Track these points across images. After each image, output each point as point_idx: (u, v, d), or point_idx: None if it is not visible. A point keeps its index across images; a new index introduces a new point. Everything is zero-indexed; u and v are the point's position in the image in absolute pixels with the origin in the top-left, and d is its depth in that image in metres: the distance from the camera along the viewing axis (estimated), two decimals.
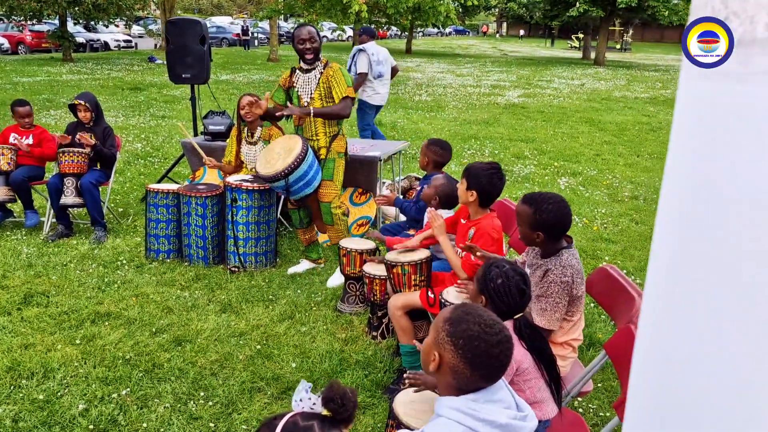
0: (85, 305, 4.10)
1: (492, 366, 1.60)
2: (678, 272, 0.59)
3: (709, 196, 0.54)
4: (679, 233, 0.57)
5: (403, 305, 3.30)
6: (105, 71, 19.99)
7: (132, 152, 8.73)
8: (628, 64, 30.74)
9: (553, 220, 2.53)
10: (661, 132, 11.66)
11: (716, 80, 0.51)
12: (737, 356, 0.57)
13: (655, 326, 0.63)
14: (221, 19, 46.11)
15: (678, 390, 0.62)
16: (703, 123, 0.53)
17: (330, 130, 4.62)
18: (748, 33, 0.48)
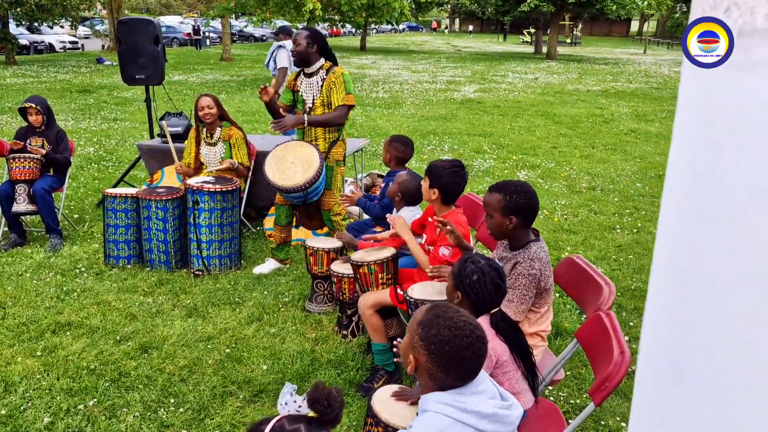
0: (45, 315, 3.97)
1: (465, 368, 1.62)
2: (681, 269, 0.60)
3: (711, 191, 0.55)
4: (682, 230, 0.58)
5: (374, 304, 3.30)
6: (51, 74, 19.38)
7: (84, 156, 8.48)
8: (579, 57, 31.37)
9: (524, 202, 2.58)
10: (613, 124, 11.94)
11: (718, 68, 0.52)
12: (743, 355, 0.57)
13: (659, 326, 0.64)
14: (170, 18, 45.22)
15: (683, 390, 0.62)
16: (705, 113, 0.54)
17: (330, 136, 4.55)
18: (749, 24, 0.49)
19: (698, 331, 0.60)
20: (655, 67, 25.80)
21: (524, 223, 2.62)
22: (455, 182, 3.16)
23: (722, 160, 0.54)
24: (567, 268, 2.97)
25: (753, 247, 0.53)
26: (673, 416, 0.64)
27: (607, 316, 2.31)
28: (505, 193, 2.60)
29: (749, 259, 0.53)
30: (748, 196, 0.52)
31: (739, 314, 0.56)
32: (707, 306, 0.59)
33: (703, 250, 0.58)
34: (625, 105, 14.49)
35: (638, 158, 9.02)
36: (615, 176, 7.90)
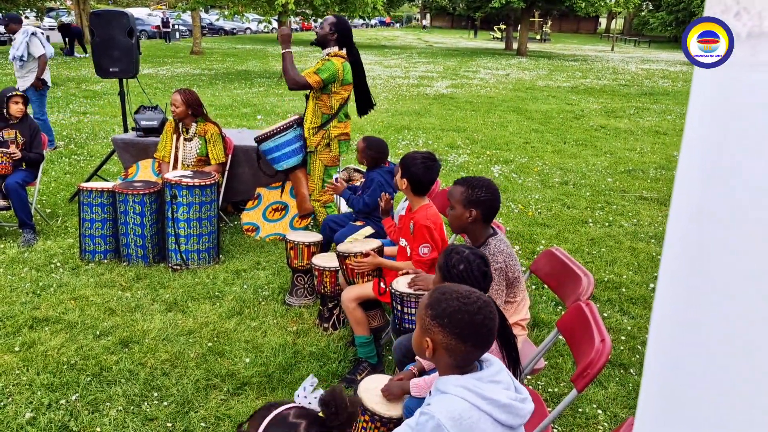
0: (21, 311, 3.92)
1: (480, 333, 1.67)
2: (690, 269, 0.63)
3: (721, 191, 0.59)
4: (692, 228, 0.61)
5: (357, 297, 3.34)
6: None
7: (55, 151, 8.33)
8: (549, 54, 31.73)
9: (485, 196, 2.66)
10: (584, 119, 12.13)
11: (729, 67, 0.57)
12: (750, 356, 0.60)
13: (668, 325, 0.67)
14: (138, 10, 44.36)
15: (689, 390, 0.65)
16: (716, 113, 0.59)
17: (314, 120, 4.76)
18: (757, 27, 0.54)
19: (705, 332, 0.62)
20: (622, 65, 26.23)
21: (484, 217, 2.70)
22: (425, 173, 3.23)
23: (732, 161, 0.58)
24: (546, 260, 3.04)
25: (762, 247, 0.56)
26: (679, 416, 0.67)
27: (587, 306, 2.38)
28: (468, 186, 2.70)
29: (758, 260, 0.57)
30: (757, 197, 0.56)
31: (747, 315, 0.59)
32: (715, 306, 0.61)
33: (712, 251, 0.61)
34: (594, 101, 14.73)
35: (608, 153, 9.20)
36: (586, 171, 8.05)
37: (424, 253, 3.15)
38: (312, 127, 4.78)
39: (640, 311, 4.23)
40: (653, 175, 7.94)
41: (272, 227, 5.44)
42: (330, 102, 4.71)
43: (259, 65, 22.02)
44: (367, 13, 19.01)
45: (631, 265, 5.04)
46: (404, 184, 3.27)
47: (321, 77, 4.55)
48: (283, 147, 4.87)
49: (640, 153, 9.35)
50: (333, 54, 4.67)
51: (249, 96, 14.18)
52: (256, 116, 11.44)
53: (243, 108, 12.38)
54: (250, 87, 15.87)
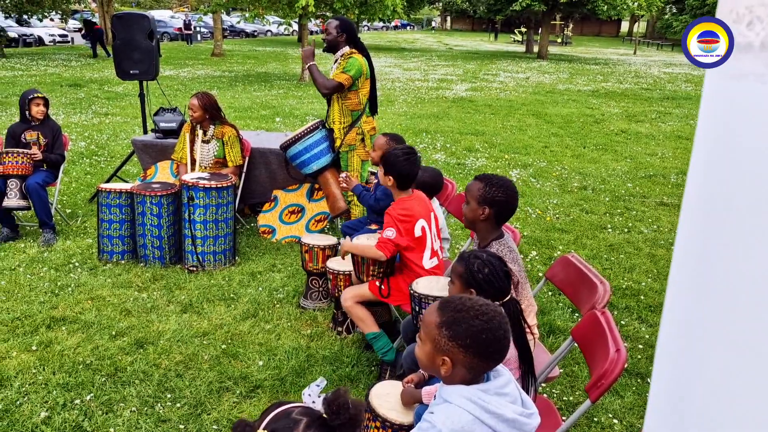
0: (39, 310, 3.97)
1: (502, 348, 1.65)
2: (701, 273, 0.61)
3: (731, 198, 0.57)
4: (703, 234, 0.60)
5: (353, 297, 3.38)
6: (41, 67, 19.23)
7: (76, 151, 8.44)
8: (570, 57, 31.51)
9: (501, 196, 2.64)
10: (604, 124, 12.01)
11: (741, 80, 0.55)
12: (758, 356, 0.59)
13: (678, 328, 0.66)
14: (161, 13, 44.91)
15: (700, 390, 0.64)
16: (727, 123, 0.57)
17: (344, 119, 4.89)
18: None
19: (715, 333, 0.61)
20: (645, 68, 25.96)
21: (496, 217, 2.67)
22: (409, 167, 3.24)
23: (742, 169, 0.57)
24: (562, 267, 3.00)
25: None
26: (689, 416, 0.65)
27: (602, 315, 2.34)
28: (487, 184, 2.69)
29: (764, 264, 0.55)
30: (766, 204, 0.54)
31: (755, 316, 0.58)
32: (724, 309, 0.60)
33: (721, 255, 0.60)
34: (615, 105, 14.58)
35: (629, 158, 9.10)
36: (606, 176, 7.96)
37: (387, 236, 3.16)
38: (343, 126, 4.91)
39: (658, 319, 4.17)
40: (674, 181, 7.83)
41: (288, 230, 5.45)
42: (358, 98, 4.86)
43: (279, 67, 22.14)
44: (386, 16, 19.02)
45: (650, 272, 4.97)
46: (390, 180, 3.28)
47: (350, 74, 4.72)
48: (313, 148, 4.92)
49: (661, 158, 9.23)
50: (348, 53, 4.81)
51: (268, 98, 14.26)
52: (275, 118, 11.49)
53: (262, 110, 12.44)
54: (269, 89, 15.95)
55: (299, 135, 4.89)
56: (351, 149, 4.95)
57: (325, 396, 1.28)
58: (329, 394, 1.28)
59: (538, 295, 4.39)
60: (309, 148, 4.90)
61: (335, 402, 1.25)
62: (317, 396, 1.30)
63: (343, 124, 4.91)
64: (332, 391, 1.28)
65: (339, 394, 1.26)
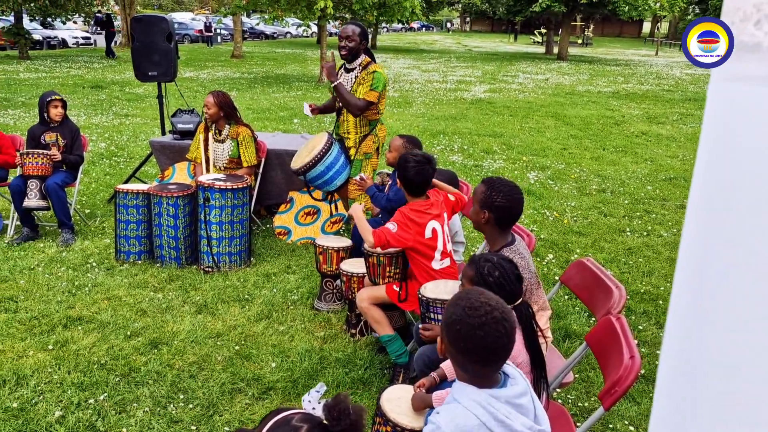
0: (56, 309, 4.01)
1: (479, 350, 1.58)
2: (705, 275, 0.60)
3: (735, 200, 0.55)
4: (707, 236, 0.58)
5: (369, 298, 3.35)
6: (64, 69, 19.50)
7: (96, 152, 8.54)
8: (590, 58, 31.25)
9: (503, 201, 2.61)
10: (624, 125, 11.88)
11: (748, 82, 0.53)
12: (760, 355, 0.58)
13: (683, 331, 0.64)
14: (182, 15, 45.39)
15: (704, 391, 0.62)
16: (731, 126, 0.54)
17: (362, 129, 4.78)
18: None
19: (720, 334, 0.60)
20: (666, 69, 25.66)
21: (499, 222, 2.64)
22: (416, 175, 3.17)
23: (746, 171, 0.54)
24: (577, 271, 2.96)
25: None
26: (694, 416, 0.64)
27: (617, 320, 2.30)
28: (489, 188, 2.66)
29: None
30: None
31: (755, 316, 0.56)
32: (728, 309, 0.59)
33: (725, 257, 0.58)
34: (636, 107, 14.42)
35: (649, 161, 8.98)
36: (625, 178, 7.87)
37: (387, 226, 3.14)
38: (360, 136, 4.82)
39: None
40: None
41: (304, 231, 5.46)
42: (377, 108, 4.78)
43: (298, 69, 22.23)
44: (405, 17, 19.01)
45: (669, 276, 4.89)
46: (398, 184, 3.27)
47: (378, 91, 4.65)
48: (334, 165, 4.74)
49: (682, 160, 9.10)
50: (366, 63, 4.75)
51: (287, 99, 14.31)
52: (293, 120, 11.53)
53: (280, 111, 12.49)
54: (288, 91, 16.01)
55: (318, 156, 4.62)
56: (366, 157, 4.87)
57: (326, 402, 1.27)
58: (330, 400, 1.27)
59: (553, 298, 4.34)
60: (331, 166, 4.72)
61: (336, 408, 1.23)
62: (317, 402, 1.29)
63: (359, 134, 4.83)
64: (333, 397, 1.27)
65: (339, 400, 1.25)
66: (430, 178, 3.24)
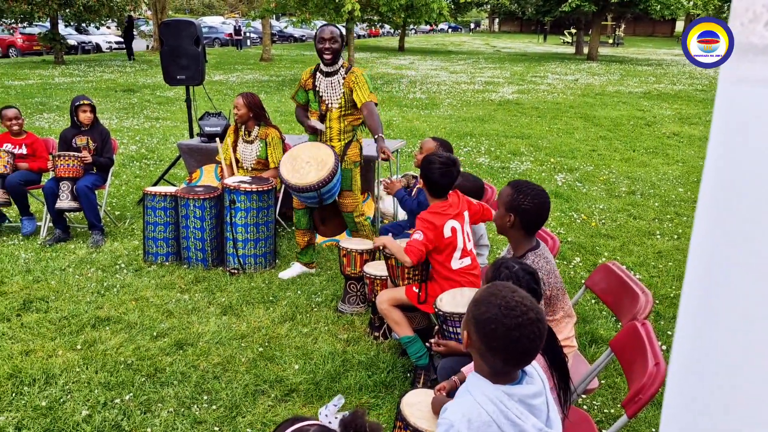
0: (85, 310, 4.08)
1: (514, 350, 1.55)
2: (715, 275, 0.58)
3: (746, 201, 0.53)
4: (717, 236, 0.57)
5: (389, 300, 3.34)
6: (97, 73, 19.90)
7: (127, 155, 8.69)
8: (621, 58, 30.80)
9: (529, 205, 2.57)
10: (655, 126, 11.68)
11: (755, 85, 0.51)
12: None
13: (694, 331, 0.62)
14: (213, 19, 46.00)
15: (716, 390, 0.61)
16: (740, 128, 0.52)
17: (345, 136, 4.52)
18: None
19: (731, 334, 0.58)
20: (700, 69, 25.15)
21: (524, 225, 2.60)
22: (440, 177, 3.15)
23: (755, 174, 0.53)
24: (602, 276, 2.91)
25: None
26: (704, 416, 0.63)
27: (642, 326, 2.25)
28: (516, 191, 2.62)
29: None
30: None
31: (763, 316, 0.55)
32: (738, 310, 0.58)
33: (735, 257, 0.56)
34: (668, 107, 14.16)
35: (680, 162, 8.81)
36: (656, 180, 7.73)
37: (414, 237, 3.11)
38: (344, 143, 4.53)
39: None
40: None
41: None
42: (360, 113, 4.51)
43: None
44: (432, 19, 18.98)
45: None
46: (420, 184, 3.24)
47: (372, 92, 4.45)
48: (339, 176, 4.47)
49: None
50: (347, 66, 4.51)
51: None
52: None
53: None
54: None
55: (335, 169, 4.27)
56: (355, 166, 4.58)
57: (342, 417, 1.26)
58: (347, 415, 1.25)
59: (580, 303, 4.28)
60: (339, 178, 4.43)
61: (352, 424, 1.22)
62: (334, 416, 1.28)
63: (343, 141, 4.53)
64: (350, 412, 1.25)
65: (357, 416, 1.23)
66: (453, 180, 3.21)
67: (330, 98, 4.47)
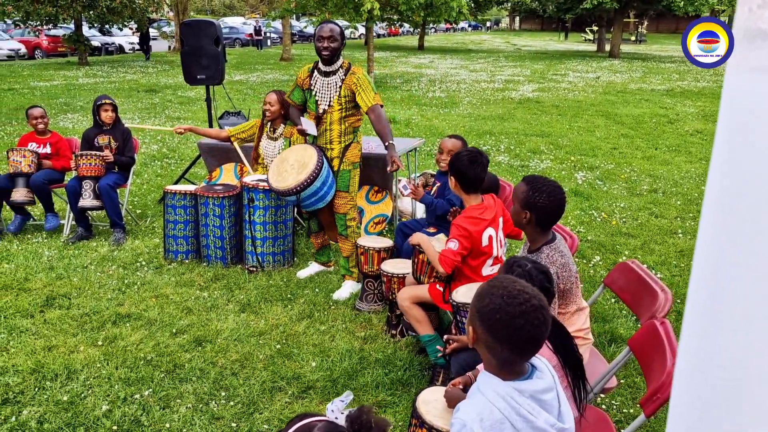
0: (106, 307, 4.14)
1: (519, 338, 1.55)
2: (723, 274, 0.57)
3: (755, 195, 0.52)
4: (724, 232, 0.56)
5: (411, 297, 3.33)
6: (120, 74, 20.16)
7: (148, 154, 8.78)
8: (644, 56, 30.44)
9: (545, 201, 2.55)
10: (678, 124, 11.52)
11: (765, 73, 0.49)
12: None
13: (700, 330, 0.61)
14: (234, 19, 46.36)
15: (723, 392, 0.60)
16: (748, 119, 0.51)
17: (345, 138, 4.34)
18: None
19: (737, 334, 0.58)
20: (724, 66, 24.74)
21: (540, 222, 2.59)
22: (470, 167, 3.11)
23: (765, 166, 0.51)
24: (621, 274, 2.88)
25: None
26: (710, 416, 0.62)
27: (661, 325, 2.23)
28: (531, 187, 2.60)
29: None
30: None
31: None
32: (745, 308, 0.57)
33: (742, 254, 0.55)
34: (691, 105, 13.96)
35: (704, 160, 8.68)
36: (678, 178, 7.62)
37: (449, 246, 3.08)
38: (344, 145, 4.35)
39: None
40: None
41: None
42: (360, 114, 4.37)
43: None
44: (452, 17, 18.90)
45: None
46: (452, 181, 3.20)
47: (376, 91, 4.27)
48: (328, 178, 4.29)
49: None
50: (347, 65, 4.32)
51: None
52: None
53: None
54: None
55: (316, 171, 4.14)
56: (354, 167, 4.40)
57: (349, 413, 1.26)
58: (353, 412, 1.26)
59: (600, 301, 4.24)
60: (326, 180, 4.26)
61: (358, 420, 1.22)
62: (341, 412, 1.29)
63: (343, 143, 4.34)
64: (356, 409, 1.26)
65: (363, 412, 1.24)
66: (484, 168, 3.18)
67: (324, 99, 4.28)
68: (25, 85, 16.62)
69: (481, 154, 3.18)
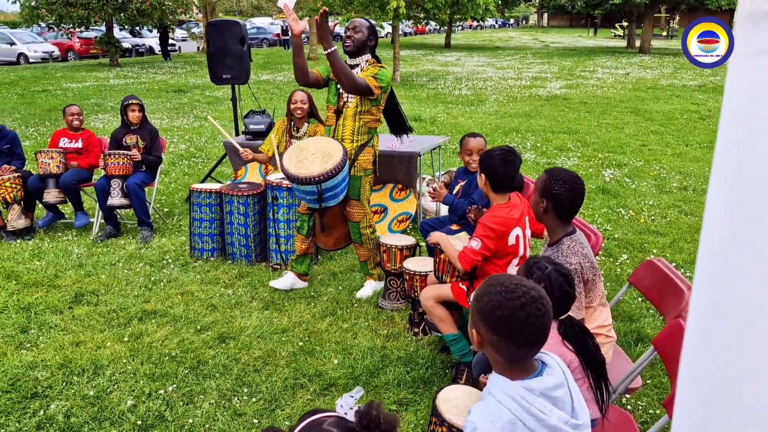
0: (133, 303, 4.20)
1: (523, 331, 1.54)
2: (728, 267, 0.55)
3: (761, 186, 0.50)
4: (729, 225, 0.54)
5: (434, 296, 3.30)
6: (150, 75, 20.46)
7: (176, 153, 8.90)
8: (675, 51, 29.89)
9: (560, 190, 2.53)
10: (710, 120, 11.28)
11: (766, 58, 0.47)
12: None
13: (705, 324, 0.59)
14: (261, 20, 46.77)
15: (728, 388, 0.58)
16: (753, 106, 0.49)
17: (359, 138, 4.11)
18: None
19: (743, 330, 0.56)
20: None
21: (557, 212, 2.57)
22: (502, 166, 3.05)
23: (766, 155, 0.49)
24: (647, 272, 2.83)
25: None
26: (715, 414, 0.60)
27: None
28: (549, 177, 2.60)
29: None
30: None
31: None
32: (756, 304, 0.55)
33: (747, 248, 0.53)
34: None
35: None
36: (709, 175, 7.45)
37: (471, 245, 3.05)
38: (357, 146, 4.13)
39: None
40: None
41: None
42: (379, 114, 4.17)
43: None
44: (478, 14, 18.79)
45: None
46: (482, 179, 3.14)
47: (381, 86, 3.98)
48: (347, 176, 4.09)
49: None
50: (372, 63, 4.14)
51: None
52: None
53: None
54: None
55: (341, 164, 3.91)
56: (366, 174, 4.18)
57: (358, 409, 1.26)
58: (362, 407, 1.25)
59: (626, 300, 4.18)
60: (345, 176, 4.05)
61: (367, 415, 1.22)
62: (350, 407, 1.28)
63: (356, 143, 4.12)
64: (365, 404, 1.25)
65: (372, 408, 1.23)
66: (516, 168, 3.12)
67: (347, 93, 4.09)
68: (58, 87, 16.98)
69: (514, 153, 3.11)
